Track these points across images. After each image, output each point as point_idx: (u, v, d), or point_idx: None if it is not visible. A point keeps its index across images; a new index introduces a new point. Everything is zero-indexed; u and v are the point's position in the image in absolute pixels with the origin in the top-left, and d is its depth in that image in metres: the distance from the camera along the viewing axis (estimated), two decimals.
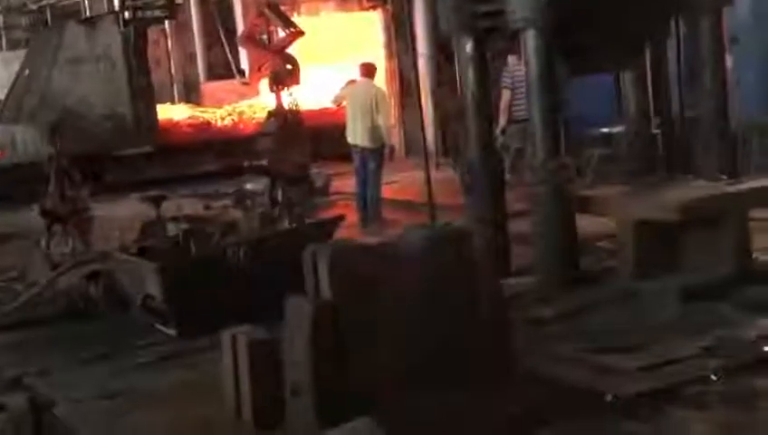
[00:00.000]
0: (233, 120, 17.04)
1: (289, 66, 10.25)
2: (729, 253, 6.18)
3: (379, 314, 4.26)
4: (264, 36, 14.95)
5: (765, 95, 8.91)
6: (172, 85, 22.01)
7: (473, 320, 4.50)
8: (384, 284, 4.29)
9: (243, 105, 17.54)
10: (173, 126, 16.72)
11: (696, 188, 6.50)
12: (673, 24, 7.16)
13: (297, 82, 10.01)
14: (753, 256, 6.40)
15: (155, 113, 16.12)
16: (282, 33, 12.28)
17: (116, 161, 15.16)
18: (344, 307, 4.22)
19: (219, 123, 17.04)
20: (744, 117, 8.18)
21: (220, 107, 17.91)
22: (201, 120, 17.25)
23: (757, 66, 8.89)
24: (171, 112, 17.87)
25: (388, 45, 15.89)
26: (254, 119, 16.63)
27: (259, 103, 17.04)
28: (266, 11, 11.13)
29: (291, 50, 12.30)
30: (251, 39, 13.66)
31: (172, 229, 6.93)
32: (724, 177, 6.68)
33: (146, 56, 16.15)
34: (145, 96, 15.85)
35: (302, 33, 10.61)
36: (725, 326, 5.39)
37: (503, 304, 4.71)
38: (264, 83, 15.98)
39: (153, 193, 7.28)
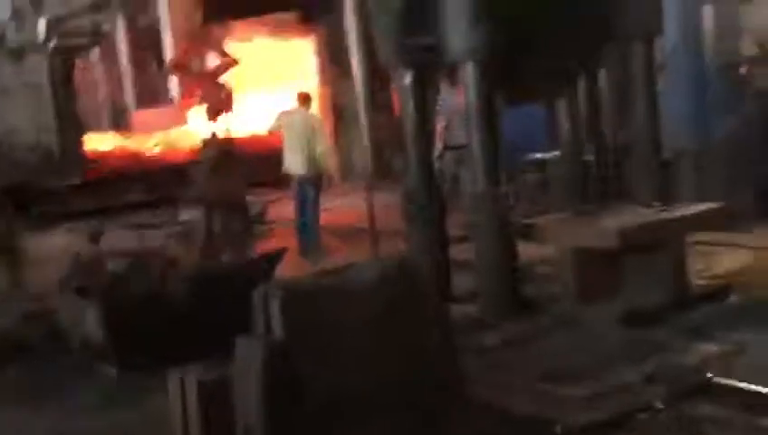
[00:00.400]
0: (162, 149, 16.87)
1: (222, 94, 10.21)
2: (668, 278, 6.32)
3: (331, 352, 4.26)
4: (194, 64, 14.90)
5: (693, 122, 9.11)
6: (101, 113, 21.74)
7: (423, 351, 4.51)
8: (336, 321, 4.28)
9: (172, 133, 17.40)
10: (101, 156, 16.49)
11: (633, 215, 6.62)
12: (606, 52, 7.30)
13: (230, 109, 9.99)
14: (691, 280, 6.55)
15: (82, 143, 15.87)
16: (214, 61, 12.23)
17: (42, 192, 14.86)
18: (297, 348, 4.20)
19: (148, 152, 16.85)
20: (674, 143, 8.35)
21: (150, 134, 17.73)
22: (130, 149, 17.05)
23: (685, 94, 9.09)
24: (99, 142, 17.65)
25: (322, 71, 15.94)
26: (183, 148, 16.51)
27: (189, 131, 16.93)
28: (199, 38, 11.08)
29: (224, 76, 12.27)
30: (180, 66, 13.59)
31: (111, 265, 6.82)
32: (658, 203, 6.80)
33: (73, 85, 15.93)
34: (72, 126, 15.60)
35: (235, 62, 10.59)
36: (667, 352, 5.49)
37: (451, 334, 4.73)
38: (194, 111, 15.96)
39: (92, 228, 7.16)
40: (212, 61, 11.72)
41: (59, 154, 15.32)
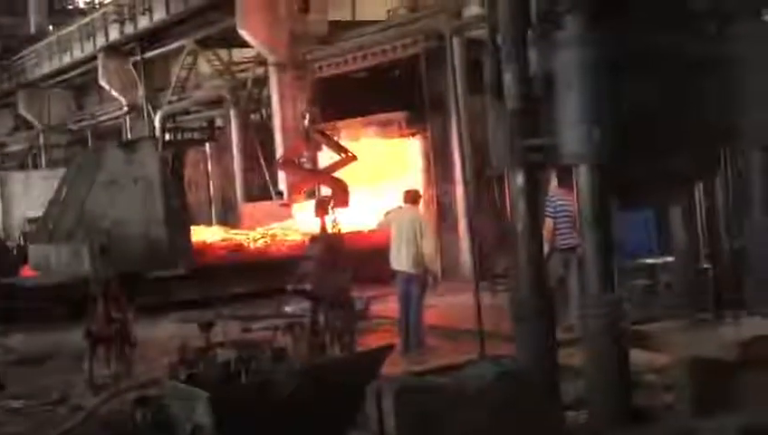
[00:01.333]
0: (266, 242, 17.13)
1: (339, 189, 10.30)
2: None
3: None
4: (304, 160, 15.17)
5: None
6: (211, 205, 22.28)
7: None
8: (448, 421, 4.23)
9: (276, 228, 17.69)
10: (206, 247, 16.82)
11: (752, 327, 6.43)
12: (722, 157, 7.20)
13: (346, 205, 10.06)
14: None
15: (190, 236, 16.15)
16: (332, 157, 12.37)
17: (149, 282, 15.09)
18: None
19: (252, 245, 17.12)
20: None
21: (254, 229, 18.08)
22: (234, 241, 17.36)
23: None
24: (205, 234, 18.04)
25: (427, 171, 16.10)
26: (286, 242, 16.73)
27: (292, 226, 17.19)
28: (316, 135, 11.28)
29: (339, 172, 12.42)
30: (289, 163, 13.81)
31: (221, 355, 6.88)
32: None
33: (183, 177, 16.34)
34: (180, 219, 15.87)
35: (354, 159, 10.70)
36: None
37: None
38: (299, 207, 16.22)
39: (202, 318, 7.27)
40: (328, 157, 11.85)
41: (166, 246, 15.58)
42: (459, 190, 14.98)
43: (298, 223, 17.08)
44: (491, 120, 7.19)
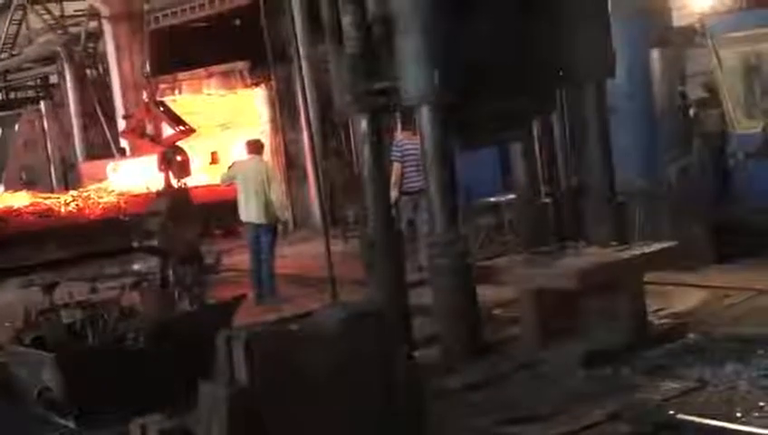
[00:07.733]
0: (77, 205, 16.65)
1: (179, 158, 10.07)
2: (626, 318, 6.37)
3: (296, 397, 4.21)
4: (148, 131, 14.84)
5: (644, 164, 9.25)
6: (50, 166, 21.53)
7: (390, 399, 4.49)
8: (301, 366, 4.24)
9: (90, 189, 17.23)
10: (13, 213, 16.21)
11: (591, 256, 6.68)
12: (558, 95, 7.40)
13: (189, 174, 9.82)
14: (649, 319, 6.61)
15: None
16: (168, 129, 12.15)
17: None
18: (261, 392, 4.15)
19: (63, 209, 16.61)
20: (626, 185, 8.44)
21: (65, 191, 17.62)
22: (43, 206, 16.80)
23: (635, 135, 9.24)
24: (11, 200, 17.41)
25: (273, 120, 15.97)
26: (99, 203, 16.34)
27: (105, 187, 16.80)
28: (154, 107, 11.01)
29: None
30: (131, 132, 13.49)
31: (66, 317, 6.69)
32: (614, 243, 6.87)
33: None
34: None
35: (192, 131, 10.48)
36: (629, 391, 5.53)
37: (418, 381, 4.72)
38: (113, 166, 15.88)
39: (45, 280, 7.04)
40: (169, 129, 11.62)
41: None
42: (306, 138, 14.92)
43: (113, 184, 16.72)
44: (332, 66, 7.17)
